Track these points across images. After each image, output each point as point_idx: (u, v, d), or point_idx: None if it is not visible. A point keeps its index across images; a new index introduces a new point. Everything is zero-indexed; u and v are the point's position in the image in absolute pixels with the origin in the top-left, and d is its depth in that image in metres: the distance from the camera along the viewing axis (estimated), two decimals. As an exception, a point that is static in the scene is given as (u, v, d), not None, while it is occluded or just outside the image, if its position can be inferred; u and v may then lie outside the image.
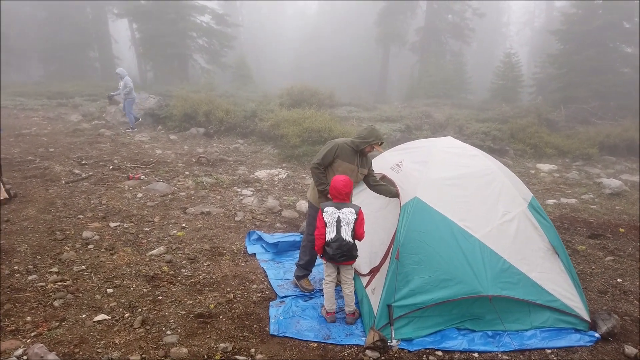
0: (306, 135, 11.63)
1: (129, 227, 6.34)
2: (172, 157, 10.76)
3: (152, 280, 4.93)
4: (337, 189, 4.27)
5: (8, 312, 4.14)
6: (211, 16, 28.93)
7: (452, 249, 4.15)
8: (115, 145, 11.59)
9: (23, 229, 5.95)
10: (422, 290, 4.07)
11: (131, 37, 31.53)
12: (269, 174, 9.80)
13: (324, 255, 4.32)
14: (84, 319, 4.11)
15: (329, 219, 4.22)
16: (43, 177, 8.28)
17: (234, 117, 13.85)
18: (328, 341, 4.07)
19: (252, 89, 25.87)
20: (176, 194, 7.98)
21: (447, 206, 4.35)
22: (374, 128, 4.65)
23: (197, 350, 3.78)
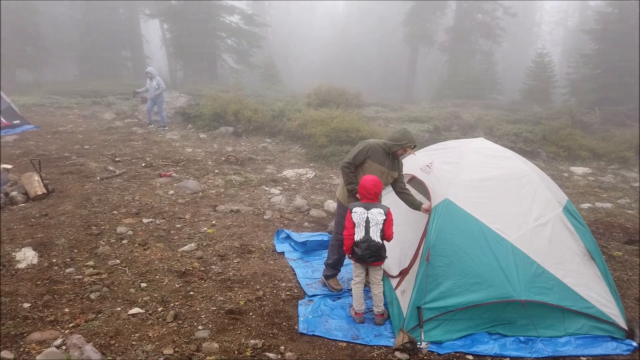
0: (334, 135, 11.64)
1: (161, 223, 6.48)
2: (202, 155, 10.93)
3: (184, 275, 5.03)
4: (366, 189, 4.27)
5: (47, 303, 4.29)
6: (240, 16, 29.20)
7: (483, 252, 4.10)
8: (147, 143, 11.85)
9: (60, 223, 6.15)
10: (453, 293, 4.04)
11: (162, 37, 32.10)
12: (297, 174, 9.86)
13: (352, 255, 4.32)
14: (119, 311, 4.23)
15: (357, 219, 4.22)
16: (79, 173, 8.54)
17: (262, 116, 13.97)
18: (357, 341, 4.07)
19: (279, 88, 26.03)
20: (206, 192, 8.11)
21: (479, 208, 4.30)
22: (407, 130, 4.59)
23: (228, 346, 3.84)
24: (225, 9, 28.53)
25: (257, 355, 3.76)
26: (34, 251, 5.24)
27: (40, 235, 5.73)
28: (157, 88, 13.42)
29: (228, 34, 28.87)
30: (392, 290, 4.60)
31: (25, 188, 7.02)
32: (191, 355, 3.67)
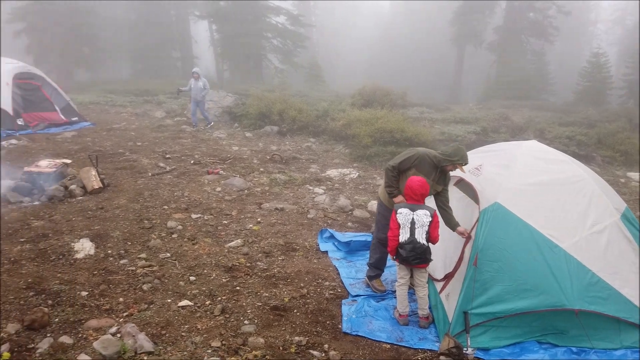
0: (378, 135, 11.58)
1: (209, 219, 6.67)
2: (247, 153, 11.15)
3: (230, 271, 5.16)
4: (413, 189, 4.23)
5: (103, 292, 4.51)
6: (286, 17, 29.56)
7: (534, 258, 3.98)
8: (195, 141, 12.21)
9: (115, 217, 6.44)
10: (501, 299, 3.94)
11: (210, 38, 32.95)
12: (340, 173, 9.88)
13: (396, 257, 4.30)
14: (169, 303, 4.39)
15: (402, 220, 4.19)
16: (132, 169, 8.91)
17: (306, 116, 14.08)
18: (401, 343, 4.05)
19: (323, 88, 26.14)
20: (252, 190, 8.27)
21: (531, 213, 4.17)
22: (460, 147, 4.45)
23: (273, 341, 3.91)
24: (272, 10, 28.97)
25: (301, 352, 3.81)
26: (91, 242, 5.52)
27: (97, 227, 6.02)
28: (202, 89, 13.58)
29: (274, 34, 29.29)
30: (437, 294, 4.54)
31: (83, 182, 7.40)
32: (237, 349, 3.76)
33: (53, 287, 4.47)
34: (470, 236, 4.27)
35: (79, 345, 3.64)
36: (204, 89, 13.66)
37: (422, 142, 11.64)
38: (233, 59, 29.33)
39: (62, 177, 7.52)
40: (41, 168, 7.45)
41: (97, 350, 3.53)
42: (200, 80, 13.58)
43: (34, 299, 4.24)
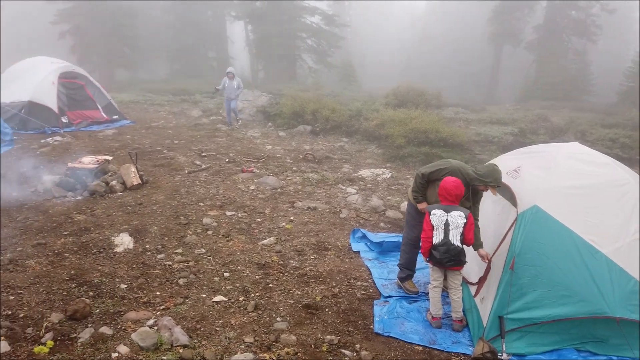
0: (412, 135, 11.48)
1: (243, 216, 6.77)
2: (281, 152, 11.25)
3: (263, 268, 5.22)
4: (447, 190, 4.18)
5: (141, 285, 4.65)
6: (321, 17, 29.63)
7: (574, 264, 3.86)
8: (230, 139, 12.41)
9: (153, 212, 6.62)
10: (539, 304, 3.84)
11: (246, 38, 33.38)
12: (373, 173, 9.84)
13: (430, 258, 4.26)
14: (204, 298, 4.48)
15: (436, 221, 4.15)
16: (169, 166, 9.13)
17: (339, 116, 14.08)
18: (433, 346, 4.01)
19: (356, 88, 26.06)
20: (285, 188, 8.34)
21: (571, 217, 4.05)
22: (495, 169, 4.31)
23: (305, 339, 3.94)
24: (307, 10, 29.10)
25: (333, 351, 3.82)
26: (130, 237, 5.69)
27: (136, 222, 6.21)
28: (236, 88, 13.73)
29: (308, 34, 29.42)
30: (471, 298, 4.47)
31: (123, 178, 7.64)
32: (270, 345, 3.81)
33: (94, 280, 4.64)
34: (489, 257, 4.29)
35: (118, 336, 3.77)
36: (238, 88, 13.81)
37: (457, 143, 11.48)
38: (268, 59, 29.64)
39: (103, 173, 7.79)
40: (84, 164, 7.74)
41: (135, 342, 3.65)
42: (234, 79, 13.70)
43: (76, 290, 4.42)
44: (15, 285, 4.40)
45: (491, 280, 4.23)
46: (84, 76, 13.70)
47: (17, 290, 4.31)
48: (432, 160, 10.75)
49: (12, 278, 4.54)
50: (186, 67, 31.13)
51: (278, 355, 3.67)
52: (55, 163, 8.52)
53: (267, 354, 3.68)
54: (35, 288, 4.39)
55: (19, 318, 3.87)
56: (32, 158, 9.11)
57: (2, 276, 4.58)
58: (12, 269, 4.75)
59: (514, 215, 4.31)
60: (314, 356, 3.72)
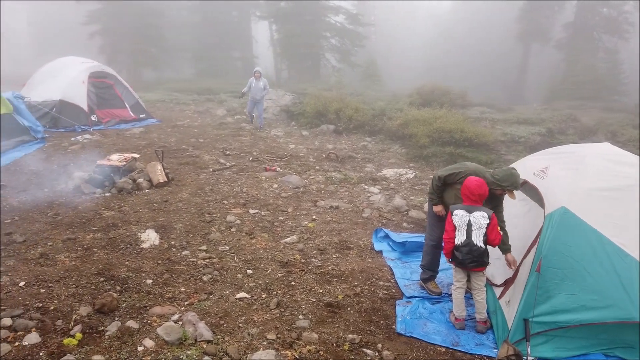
0: (436, 135, 11.37)
1: (266, 215, 6.82)
2: (304, 151, 11.29)
3: (286, 266, 5.25)
4: (470, 189, 4.13)
5: (166, 281, 4.73)
6: (345, 16, 29.60)
7: (603, 267, 3.76)
8: (254, 138, 12.52)
9: (178, 210, 6.73)
10: (565, 308, 3.75)
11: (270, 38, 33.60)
12: (396, 173, 9.78)
13: (452, 259, 4.21)
14: (227, 295, 4.53)
15: (458, 222, 4.10)
16: (194, 164, 9.27)
17: (362, 115, 14.05)
18: (456, 348, 3.96)
19: (380, 87, 25.95)
20: (307, 187, 8.36)
21: (600, 220, 3.94)
22: (513, 173, 4.20)
23: (326, 337, 3.94)
24: (331, 10, 29.13)
25: (354, 350, 3.82)
26: (156, 233, 5.80)
27: (162, 219, 6.32)
28: (263, 89, 13.40)
29: (332, 33, 29.45)
30: (496, 300, 4.40)
31: (149, 176, 7.79)
32: (292, 342, 3.83)
33: (121, 274, 4.75)
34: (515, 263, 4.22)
35: (144, 330, 3.85)
36: (264, 89, 13.51)
37: (483, 143, 11.32)
38: (291, 58, 29.78)
39: (130, 170, 7.96)
40: (112, 162, 7.91)
41: (161, 336, 3.72)
42: (261, 80, 13.41)
43: (104, 285, 4.52)
44: (46, 278, 4.54)
45: (517, 282, 4.16)
46: (112, 75, 14.01)
47: (48, 284, 4.44)
48: (456, 160, 10.64)
49: (43, 272, 4.68)
50: (211, 66, 31.52)
51: (300, 353, 3.69)
52: (84, 160, 8.73)
53: (289, 352, 3.70)
54: (65, 282, 4.51)
55: (49, 310, 3.99)
56: (63, 155, 9.39)
57: (34, 269, 4.73)
58: (43, 263, 4.90)
59: (542, 217, 4.22)
60: (335, 355, 3.73)
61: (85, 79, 12.82)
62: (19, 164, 8.78)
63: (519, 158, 7.85)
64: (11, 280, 4.45)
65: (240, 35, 33.47)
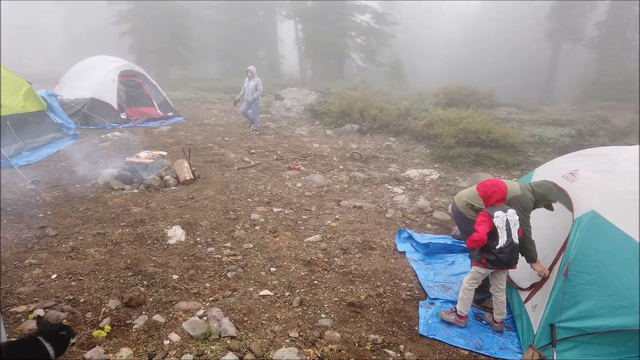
0: (462, 136, 11.23)
1: (289, 213, 6.87)
2: (327, 151, 11.31)
3: (309, 265, 5.28)
4: (501, 188, 4.11)
5: (192, 277, 4.82)
6: (371, 15, 29.49)
7: (633, 273, 3.65)
8: (278, 137, 12.60)
9: (204, 207, 6.85)
10: (593, 314, 3.67)
11: (295, 37, 33.75)
12: (421, 174, 9.70)
13: (491, 264, 4.10)
14: (251, 292, 4.59)
15: (499, 223, 4.00)
16: (220, 162, 9.40)
17: (387, 115, 13.98)
18: (480, 351, 3.93)
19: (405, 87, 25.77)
20: (331, 187, 8.38)
21: (631, 224, 3.83)
22: (552, 187, 4.27)
23: (348, 337, 3.96)
24: (357, 9, 29.06)
25: (376, 350, 3.82)
26: (182, 229, 5.92)
27: (188, 216, 6.44)
28: (254, 90, 12.40)
29: (358, 32, 29.39)
30: (522, 303, 4.33)
31: (176, 173, 7.94)
32: (314, 341, 3.86)
33: (148, 269, 4.86)
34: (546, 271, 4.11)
35: (170, 324, 3.93)
36: (256, 90, 12.45)
37: (510, 144, 11.13)
38: (316, 57, 29.85)
39: (158, 167, 8.13)
40: (141, 159, 8.10)
41: (186, 331, 3.80)
42: (253, 79, 12.44)
43: (132, 279, 4.64)
44: (77, 271, 4.68)
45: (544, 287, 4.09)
46: (141, 74, 14.30)
47: (79, 277, 4.58)
48: (483, 161, 10.51)
49: (74, 265, 4.83)
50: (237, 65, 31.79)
51: (322, 352, 3.72)
52: (114, 157, 8.95)
53: (311, 350, 3.73)
54: (95, 275, 4.65)
55: (79, 303, 4.12)
56: (93, 152, 9.64)
57: (65, 263, 4.88)
58: (74, 256, 5.05)
59: (570, 220, 4.13)
60: (357, 354, 3.74)
61: (116, 78, 13.13)
62: (51, 160, 9.07)
63: (546, 160, 7.69)
64: (44, 273, 4.61)
65: (266, 34, 33.73)
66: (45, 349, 2.65)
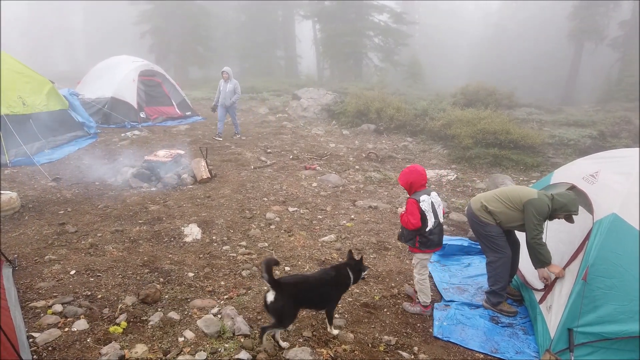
0: (480, 136, 11.10)
1: (305, 213, 6.88)
2: (344, 151, 11.29)
3: (323, 264, 5.28)
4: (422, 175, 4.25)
5: (207, 274, 4.86)
6: (389, 15, 29.36)
7: (655, 278, 3.57)
8: (295, 137, 12.63)
9: (220, 205, 6.90)
10: (613, 319, 3.59)
11: (313, 37, 33.78)
12: (437, 174, 9.63)
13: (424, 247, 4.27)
14: (265, 290, 4.60)
15: (427, 207, 4.18)
16: (236, 161, 9.47)
17: (404, 115, 13.90)
18: (495, 355, 3.88)
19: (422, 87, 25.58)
20: (346, 187, 8.37)
21: (655, 228, 3.74)
22: (575, 198, 4.18)
23: (362, 337, 3.95)
24: (375, 8, 28.96)
25: (390, 352, 3.80)
26: (199, 228, 5.97)
27: (204, 214, 6.50)
28: (232, 93, 11.51)
29: (376, 32, 29.28)
30: (536, 305, 4.27)
31: (193, 172, 8.02)
32: (327, 341, 3.85)
33: (165, 267, 4.92)
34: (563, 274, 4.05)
35: (185, 321, 3.97)
36: (235, 93, 11.54)
37: (529, 145, 10.96)
38: (334, 57, 29.82)
39: (176, 166, 8.22)
40: (159, 157, 8.20)
41: (200, 328, 3.83)
42: (230, 81, 11.48)
43: (148, 276, 4.70)
44: (95, 268, 4.76)
45: (560, 289, 4.01)
46: (161, 74, 14.50)
47: (97, 273, 4.66)
48: (501, 162, 10.37)
49: (92, 261, 4.91)
50: (255, 65, 32.03)
51: (335, 352, 3.71)
52: (133, 156, 9.09)
53: (325, 350, 3.72)
54: (112, 272, 4.72)
55: (97, 299, 4.19)
56: (113, 150, 9.80)
57: (84, 259, 4.97)
58: (93, 253, 5.14)
59: (590, 223, 4.05)
60: (370, 355, 3.72)
61: (136, 77, 13.33)
62: (72, 158, 9.25)
63: (567, 162, 7.55)
64: (63, 269, 4.70)
65: (285, 34, 33.85)
66: (349, 275, 3.94)
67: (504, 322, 4.37)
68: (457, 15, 45.22)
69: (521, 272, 4.95)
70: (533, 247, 4.16)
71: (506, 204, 4.36)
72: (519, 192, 4.38)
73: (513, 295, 4.83)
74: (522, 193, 4.34)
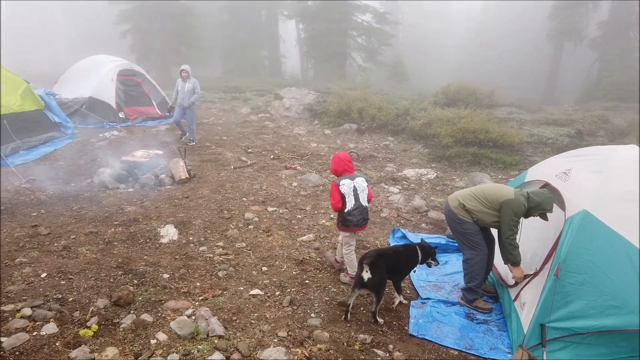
0: (460, 135, 11.19)
1: (284, 212, 6.85)
2: (325, 150, 11.28)
3: (301, 264, 5.26)
4: (344, 161, 4.83)
5: (182, 276, 4.80)
6: (372, 15, 29.46)
7: (626, 273, 3.62)
8: (276, 136, 12.58)
9: (198, 206, 6.83)
10: (584, 314, 3.64)
11: (297, 37, 33.74)
12: (418, 173, 9.67)
13: (346, 226, 4.78)
14: (241, 291, 4.57)
15: (346, 190, 4.71)
16: (216, 161, 9.38)
17: (386, 114, 13.94)
18: (470, 351, 3.90)
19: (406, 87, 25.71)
20: (327, 186, 8.35)
21: (624, 224, 3.79)
22: (550, 197, 4.22)
23: (337, 336, 3.93)
24: (358, 8, 29.04)
25: (365, 350, 3.79)
26: (175, 229, 5.90)
27: (181, 215, 6.42)
28: (191, 93, 10.75)
29: (359, 32, 29.35)
30: (511, 302, 4.31)
31: (172, 172, 7.93)
32: (303, 340, 3.83)
33: (139, 268, 4.84)
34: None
35: (158, 323, 3.91)
36: (194, 93, 10.77)
37: (508, 144, 11.09)
38: (318, 57, 29.83)
39: (154, 166, 8.11)
40: (137, 157, 8.09)
41: (174, 330, 3.78)
42: (189, 80, 10.74)
43: (122, 278, 4.62)
44: (67, 270, 4.67)
45: (533, 285, 4.06)
46: (141, 74, 14.29)
47: (69, 276, 4.57)
48: (480, 161, 10.47)
49: (64, 264, 4.81)
50: (239, 65, 31.85)
51: (310, 352, 3.69)
52: (110, 156, 8.94)
53: (299, 350, 3.70)
54: (85, 274, 4.63)
55: (68, 302, 4.10)
56: (90, 151, 9.64)
57: (56, 262, 4.87)
58: (65, 255, 5.04)
59: (562, 220, 4.10)
60: (345, 354, 3.71)
61: (114, 77, 13.12)
62: (48, 159, 9.07)
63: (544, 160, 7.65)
64: (34, 272, 4.59)
65: (268, 34, 33.74)
66: (418, 254, 4.61)
67: (479, 319, 4.40)
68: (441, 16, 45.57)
69: (496, 269, 5.00)
70: (505, 247, 4.21)
71: (483, 202, 4.39)
72: (497, 191, 4.41)
73: (489, 292, 4.88)
74: (499, 192, 4.37)
